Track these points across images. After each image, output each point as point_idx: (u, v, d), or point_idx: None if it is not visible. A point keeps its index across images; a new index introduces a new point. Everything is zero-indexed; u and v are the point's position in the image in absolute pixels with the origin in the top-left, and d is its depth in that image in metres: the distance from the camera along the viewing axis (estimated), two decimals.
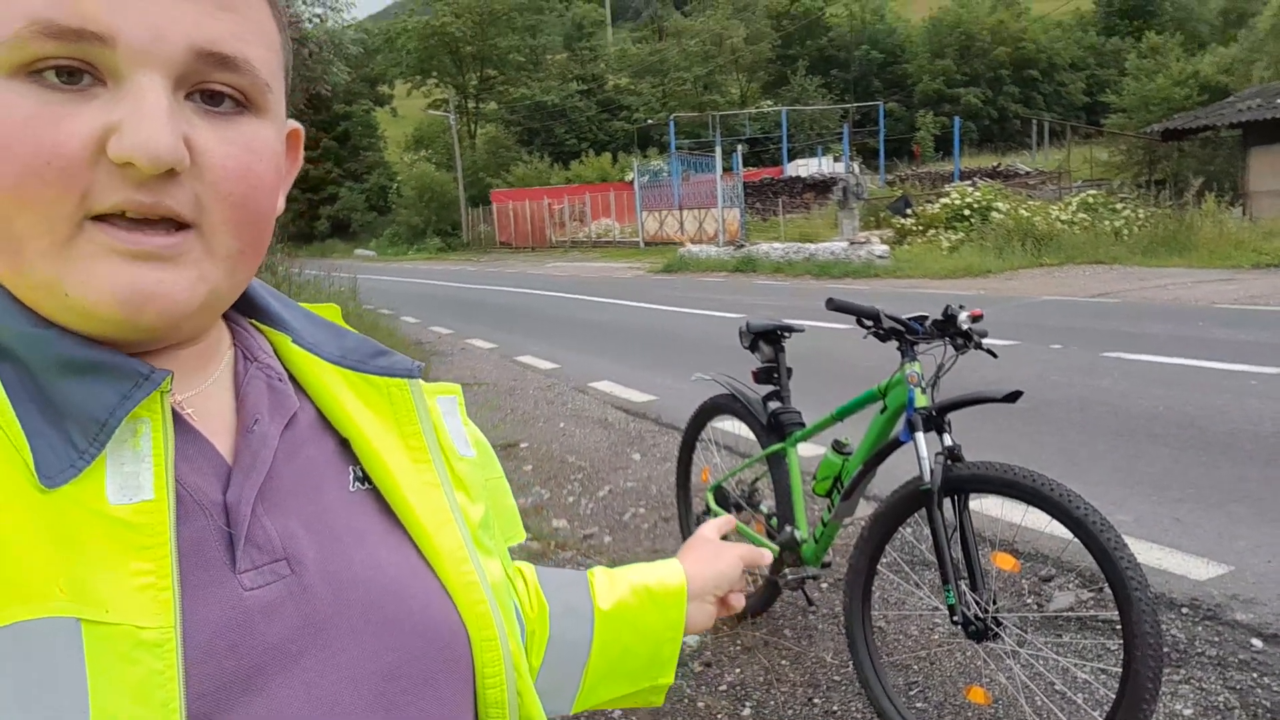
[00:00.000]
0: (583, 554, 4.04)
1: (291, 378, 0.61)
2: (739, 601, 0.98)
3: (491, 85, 54.24)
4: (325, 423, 0.60)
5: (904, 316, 2.58)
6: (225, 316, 0.61)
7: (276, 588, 0.50)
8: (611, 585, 0.86)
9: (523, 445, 5.96)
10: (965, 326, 2.50)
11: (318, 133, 51.76)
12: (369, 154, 55.01)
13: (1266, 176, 19.71)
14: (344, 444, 0.60)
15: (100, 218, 0.47)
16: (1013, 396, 2.34)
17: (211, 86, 0.49)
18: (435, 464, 0.62)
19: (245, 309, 0.63)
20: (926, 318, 2.58)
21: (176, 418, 0.52)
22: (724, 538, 1.03)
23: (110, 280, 0.47)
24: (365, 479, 0.60)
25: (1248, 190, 19.88)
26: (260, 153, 0.52)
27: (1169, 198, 18.46)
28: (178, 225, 0.48)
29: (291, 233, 44.48)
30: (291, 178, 0.62)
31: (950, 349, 2.52)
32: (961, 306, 2.53)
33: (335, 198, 51.91)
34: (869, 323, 2.59)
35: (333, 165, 52.75)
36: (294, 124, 0.60)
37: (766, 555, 1.04)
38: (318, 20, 13.91)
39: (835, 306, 2.65)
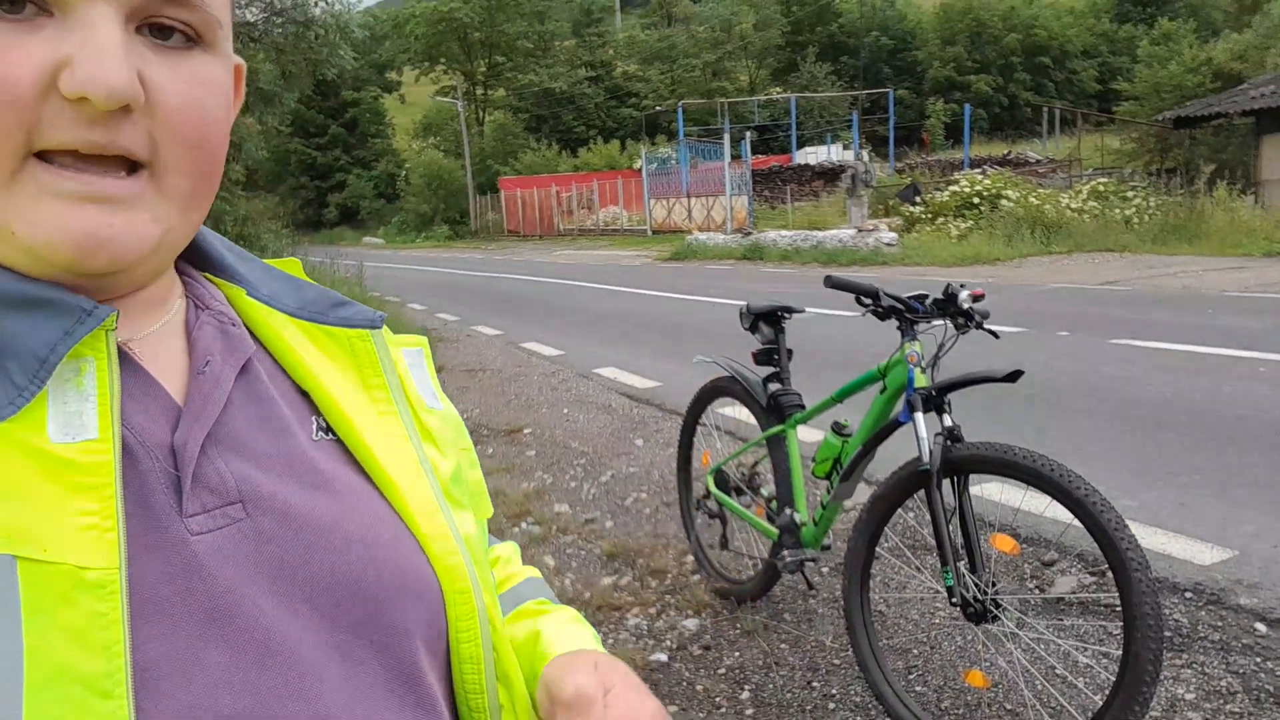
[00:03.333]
0: (584, 538, 4.03)
1: (249, 330, 0.59)
2: None
3: (500, 72, 54.12)
4: (285, 373, 0.59)
5: (904, 295, 2.55)
6: (178, 269, 0.59)
7: (230, 531, 0.48)
8: (519, 620, 0.72)
9: (526, 431, 5.95)
10: (966, 306, 2.46)
11: (325, 120, 51.90)
12: (377, 141, 55.08)
13: (1279, 164, 19.53)
14: (305, 395, 0.58)
15: (44, 156, 0.45)
16: (1013, 376, 2.31)
17: (162, 20, 0.47)
18: (401, 415, 0.61)
19: (199, 262, 0.61)
20: (927, 297, 2.55)
21: (125, 358, 0.50)
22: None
23: (61, 223, 0.45)
24: (328, 430, 0.58)
25: (1260, 178, 19.69)
26: (211, 86, 0.50)
27: (1180, 186, 18.30)
28: (130, 165, 0.47)
29: (299, 220, 44.75)
30: (234, 114, 0.59)
31: (951, 329, 2.49)
32: (962, 285, 2.50)
33: (344, 185, 52.02)
34: (868, 301, 2.56)
35: (341, 152, 52.86)
36: (237, 59, 0.57)
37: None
38: (325, 4, 13.87)
39: (834, 284, 2.62)
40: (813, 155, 35.41)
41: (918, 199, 20.25)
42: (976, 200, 18.23)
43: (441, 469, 0.61)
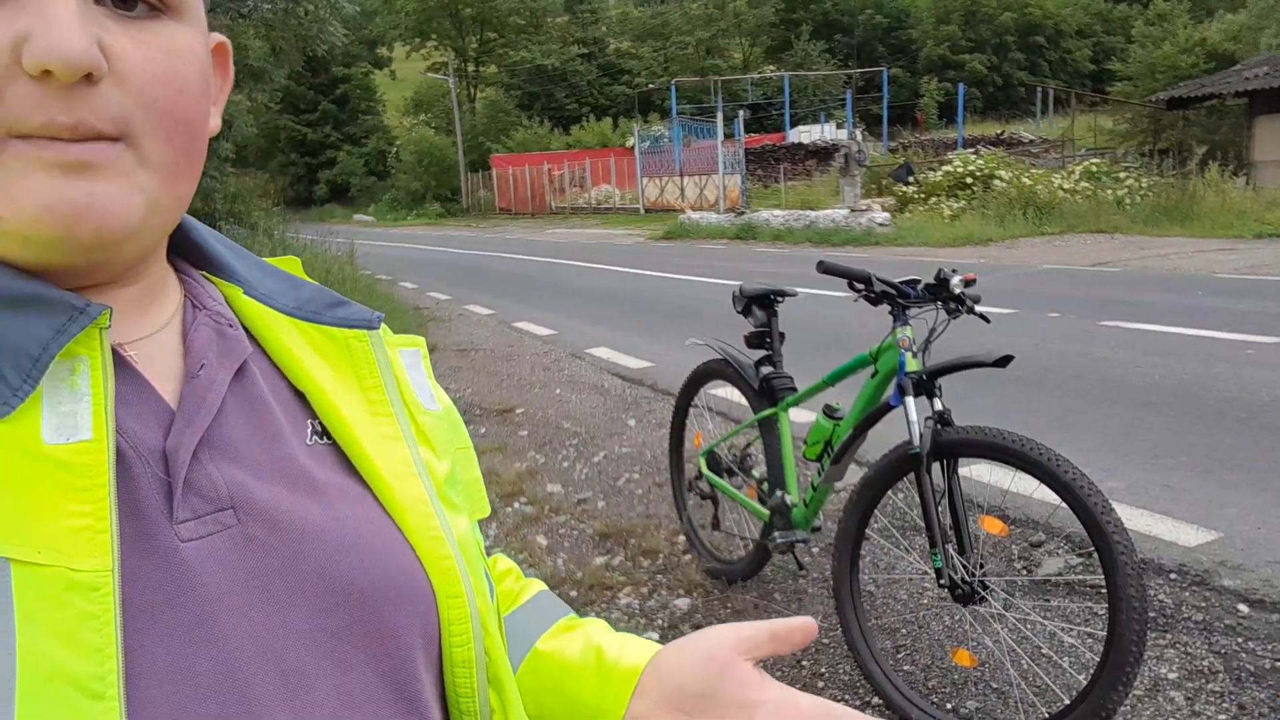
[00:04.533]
0: (576, 518, 4.06)
1: (246, 330, 0.58)
2: None
3: (491, 48, 53.70)
4: (281, 375, 0.58)
5: (896, 280, 2.57)
6: (175, 267, 0.59)
7: (221, 538, 0.48)
8: (568, 633, 0.72)
9: (518, 411, 5.97)
10: (958, 291, 2.48)
11: (315, 96, 51.46)
12: (368, 118, 54.63)
13: (1271, 146, 19.55)
14: (300, 397, 0.58)
15: (22, 137, 0.44)
16: (1003, 361, 2.33)
17: None
18: (397, 417, 0.60)
19: (196, 259, 0.60)
20: (919, 281, 2.56)
21: (119, 360, 0.50)
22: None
23: (40, 195, 0.44)
24: (324, 433, 0.57)
25: (1252, 160, 19.72)
26: (182, 55, 0.49)
27: (1172, 167, 18.33)
28: (105, 141, 0.46)
29: (290, 197, 44.45)
30: (224, 95, 0.59)
31: (942, 313, 2.50)
32: (954, 270, 2.52)
33: (334, 162, 51.63)
34: (860, 286, 2.58)
35: (331, 129, 52.42)
36: (219, 37, 0.57)
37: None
38: None
39: (826, 269, 2.63)
40: (806, 134, 35.28)
41: (911, 179, 20.23)
42: (969, 180, 18.23)
43: (436, 471, 0.61)
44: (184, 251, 0.60)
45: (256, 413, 0.54)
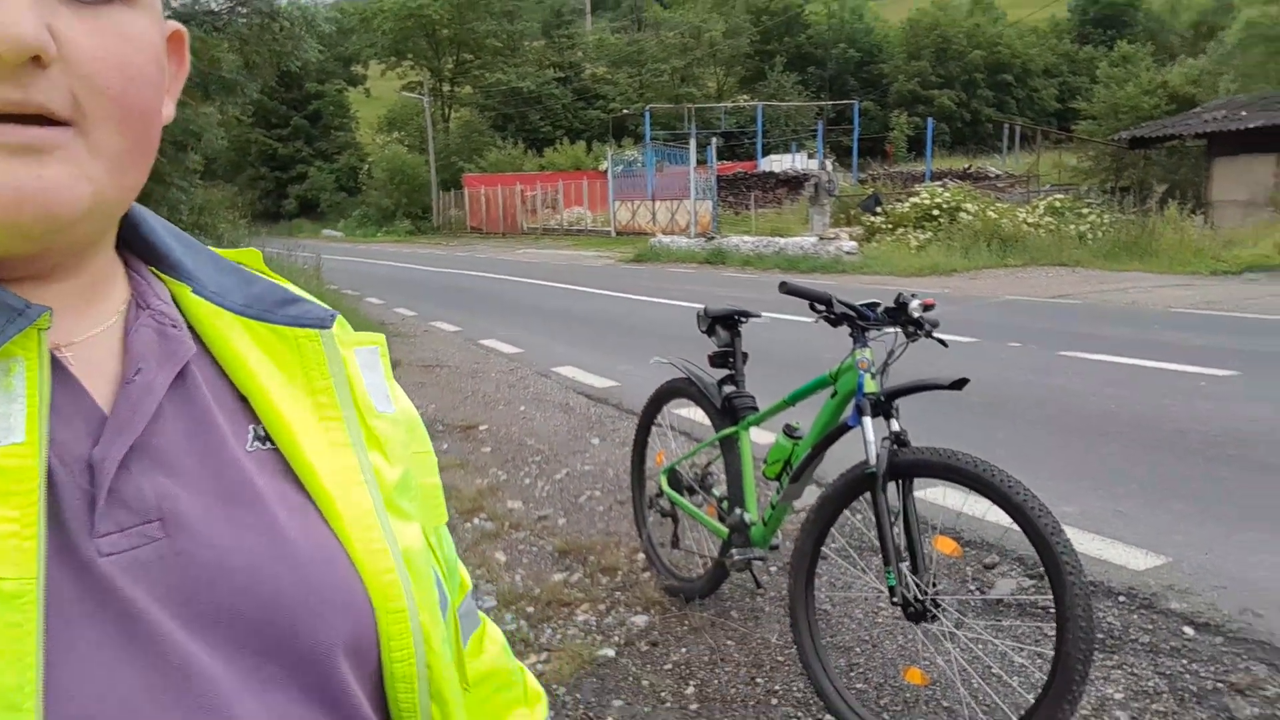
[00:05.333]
0: (536, 535, 4.05)
1: (192, 330, 0.56)
2: None
3: (467, 69, 53.77)
4: (226, 378, 0.56)
5: (856, 303, 2.61)
6: (125, 262, 0.57)
7: (146, 551, 0.47)
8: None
9: (482, 427, 5.95)
10: (916, 315, 2.53)
11: (288, 111, 51.24)
12: (340, 134, 54.45)
13: (1228, 187, 20.06)
14: (245, 401, 0.56)
15: None
16: (959, 383, 2.38)
17: None
18: (346, 421, 0.58)
19: (146, 254, 0.58)
20: (878, 305, 2.61)
21: (53, 363, 0.48)
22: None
23: None
24: (266, 438, 0.55)
25: (1210, 199, 20.22)
26: (135, 42, 0.48)
27: (1133, 204, 18.73)
28: (54, 124, 0.45)
29: (258, 211, 44.10)
30: (179, 84, 0.58)
31: (901, 337, 2.55)
32: (914, 295, 2.57)
33: (304, 177, 51.35)
34: (821, 307, 2.62)
35: (303, 144, 52.18)
36: (175, 25, 0.56)
37: None
38: None
39: (789, 290, 2.67)
40: (778, 163, 35.65)
41: (879, 209, 20.49)
42: (936, 212, 18.49)
43: (386, 478, 0.59)
44: (134, 246, 0.58)
45: (195, 419, 0.53)
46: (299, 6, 13.58)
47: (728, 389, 3.10)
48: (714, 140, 25.83)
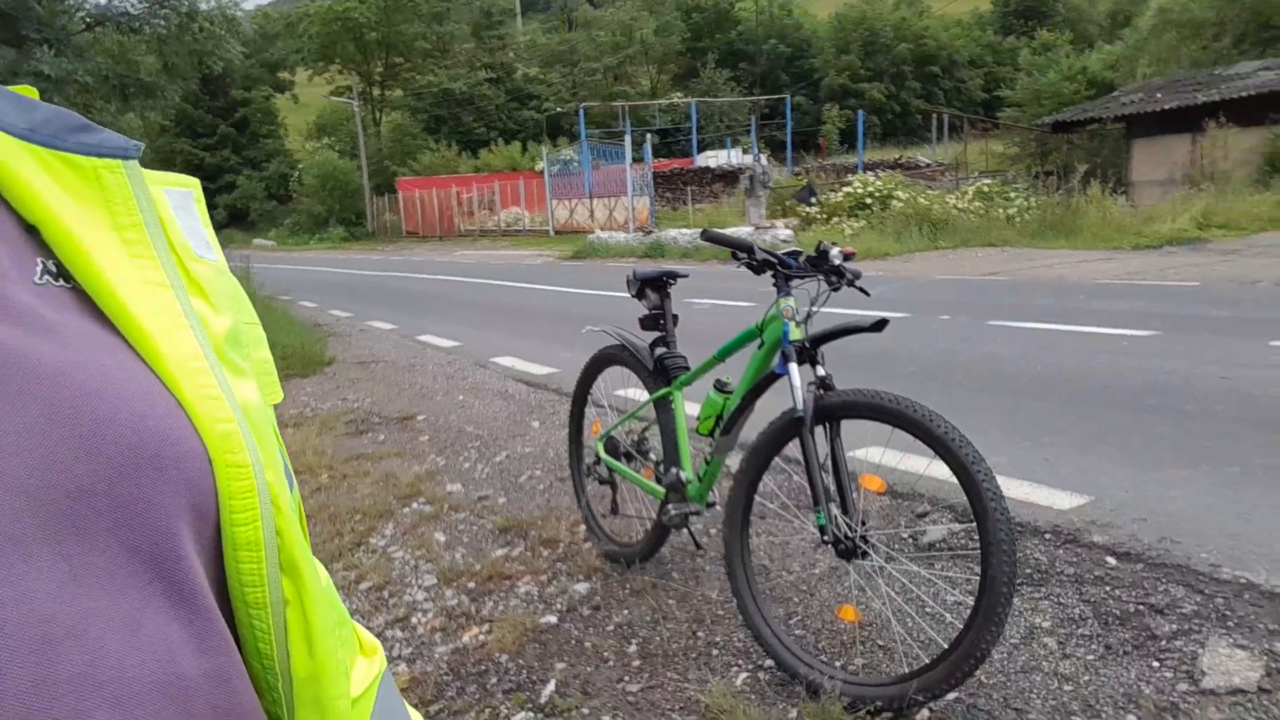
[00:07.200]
0: (476, 514, 4.02)
1: None
2: None
3: (397, 72, 53.19)
4: (6, 207, 0.48)
5: (778, 252, 2.64)
6: None
7: None
8: None
9: (420, 418, 5.89)
10: (837, 262, 2.56)
11: (214, 119, 50.17)
12: (269, 141, 53.45)
13: (1147, 166, 20.75)
14: (31, 231, 0.47)
15: None
16: (879, 325, 2.42)
17: None
18: (161, 261, 0.50)
19: None
20: (800, 253, 2.64)
21: None
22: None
23: None
24: (60, 274, 0.47)
25: (1130, 179, 20.89)
26: None
27: (1058, 186, 19.25)
28: None
29: None
30: None
31: (824, 285, 2.58)
32: (833, 243, 2.61)
33: (233, 186, 50.31)
34: (743, 255, 2.64)
35: (230, 153, 51.13)
36: None
37: None
38: None
39: (710, 238, 2.69)
40: (713, 159, 35.91)
41: (813, 199, 20.77)
42: (869, 201, 18.82)
43: (214, 325, 0.52)
44: None
45: None
46: (219, 6, 13.31)
47: (659, 350, 3.11)
48: (649, 137, 25.93)
